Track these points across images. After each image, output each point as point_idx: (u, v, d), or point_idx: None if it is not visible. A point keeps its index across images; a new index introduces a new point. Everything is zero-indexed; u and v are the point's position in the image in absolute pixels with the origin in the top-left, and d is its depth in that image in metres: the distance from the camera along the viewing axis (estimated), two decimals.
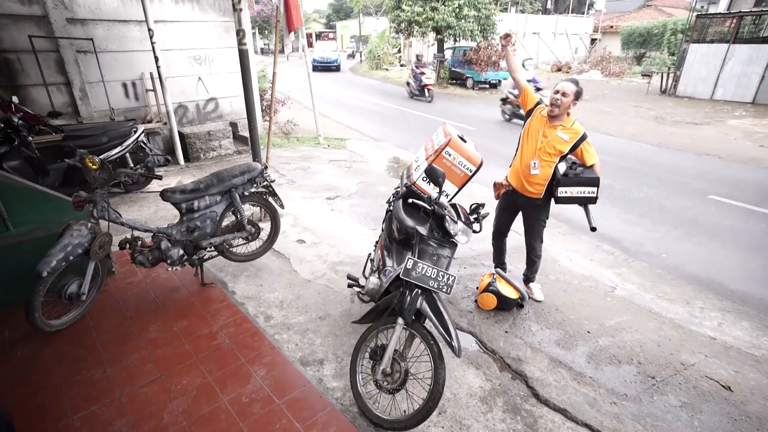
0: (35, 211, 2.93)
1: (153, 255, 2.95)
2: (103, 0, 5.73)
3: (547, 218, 3.19)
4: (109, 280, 3.31)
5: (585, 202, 2.89)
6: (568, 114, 2.89)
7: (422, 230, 2.28)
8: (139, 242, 2.97)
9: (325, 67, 24.99)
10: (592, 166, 2.92)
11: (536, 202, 3.07)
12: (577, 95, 2.81)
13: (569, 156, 2.94)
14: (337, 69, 25.29)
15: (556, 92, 2.81)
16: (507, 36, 3.09)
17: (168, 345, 2.69)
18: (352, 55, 35.87)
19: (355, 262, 3.79)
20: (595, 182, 2.83)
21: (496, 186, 3.25)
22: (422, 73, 13.69)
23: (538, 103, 3.01)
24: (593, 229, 2.92)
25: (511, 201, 3.20)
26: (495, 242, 3.49)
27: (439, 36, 17.32)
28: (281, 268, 3.70)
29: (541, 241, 3.26)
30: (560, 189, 2.87)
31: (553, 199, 3.01)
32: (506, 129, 10.02)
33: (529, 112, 3.02)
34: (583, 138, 2.87)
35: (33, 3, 5.23)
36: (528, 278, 3.45)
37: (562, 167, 2.90)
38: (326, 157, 7.26)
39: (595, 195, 2.85)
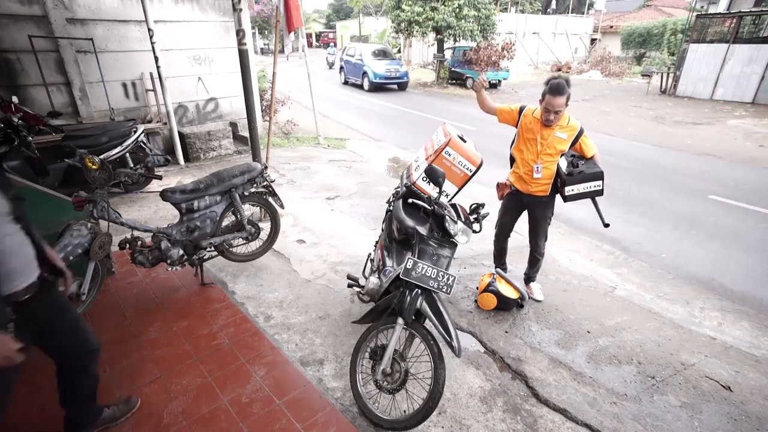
0: (35, 211, 2.90)
1: (153, 255, 2.95)
2: (102, 0, 5.73)
3: (553, 215, 3.20)
4: (109, 280, 3.31)
5: (592, 195, 2.92)
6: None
7: (422, 230, 2.28)
8: (139, 242, 2.97)
9: (386, 84, 16.21)
10: (592, 158, 2.94)
11: (543, 200, 3.07)
12: (568, 99, 2.75)
13: (568, 150, 2.95)
14: (404, 87, 16.64)
15: (547, 111, 2.75)
16: (485, 82, 3.09)
17: (168, 345, 2.69)
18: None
19: (355, 262, 3.79)
20: (599, 176, 2.85)
21: (500, 186, 3.25)
22: None
23: (521, 110, 2.97)
24: (606, 225, 2.97)
25: (516, 201, 3.20)
26: (498, 243, 3.47)
27: (439, 36, 17.33)
28: (281, 268, 3.70)
29: (546, 239, 3.27)
30: (567, 188, 2.89)
31: (561, 198, 3.02)
32: (506, 129, 10.03)
33: (517, 121, 2.99)
34: (580, 133, 2.89)
35: (33, 3, 5.23)
36: (529, 278, 3.45)
37: (563, 162, 2.91)
38: (326, 157, 7.26)
39: (601, 188, 2.88)
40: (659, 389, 2.54)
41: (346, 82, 18.00)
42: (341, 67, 18.25)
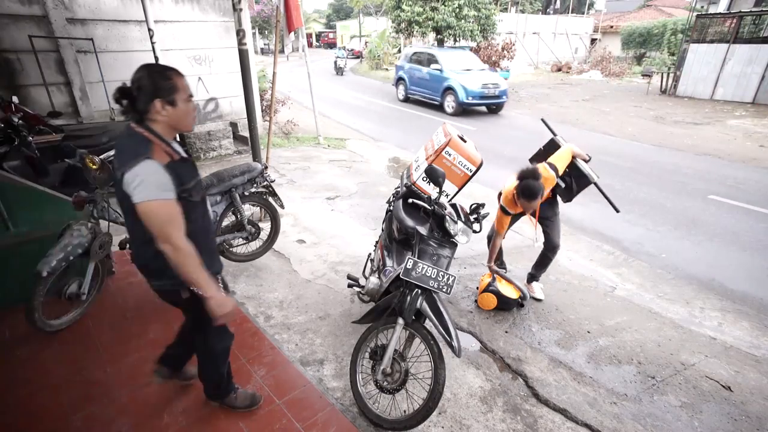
0: (35, 211, 2.93)
1: None
2: (103, 0, 5.73)
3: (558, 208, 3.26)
4: (109, 280, 3.31)
5: (592, 183, 3.06)
6: None
7: (422, 230, 2.27)
8: None
9: (479, 105, 11.52)
10: (573, 159, 3.00)
11: (548, 201, 3.12)
12: (542, 192, 2.73)
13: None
14: (499, 109, 11.93)
15: (525, 212, 2.85)
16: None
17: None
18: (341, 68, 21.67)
19: (355, 262, 3.79)
20: (590, 180, 3.01)
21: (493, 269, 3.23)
22: None
23: (503, 209, 2.97)
24: (618, 211, 3.18)
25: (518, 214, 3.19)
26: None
27: (439, 36, 17.31)
28: (281, 268, 3.70)
29: (559, 236, 3.29)
30: (569, 201, 3.11)
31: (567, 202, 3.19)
32: (507, 128, 10.03)
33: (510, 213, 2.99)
34: (555, 170, 2.91)
35: (33, 3, 5.23)
36: (534, 277, 3.44)
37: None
38: (326, 157, 7.26)
39: (594, 180, 3.01)
40: (659, 389, 2.54)
41: (407, 98, 13.30)
42: (400, 78, 13.49)
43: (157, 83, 1.52)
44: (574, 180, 3.03)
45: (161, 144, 1.54)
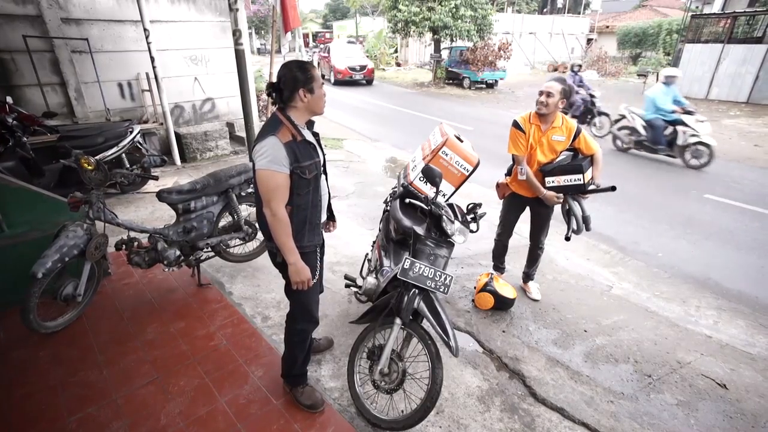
0: (30, 212, 2.91)
1: (149, 256, 2.94)
2: (98, 0, 5.70)
3: (553, 209, 3.20)
4: (105, 282, 3.30)
5: (575, 190, 2.87)
6: (556, 115, 2.88)
7: (419, 230, 2.27)
8: (136, 243, 2.96)
9: None
10: (592, 156, 2.89)
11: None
12: (565, 93, 2.77)
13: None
14: None
15: (541, 93, 2.79)
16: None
17: (165, 346, 2.68)
18: None
19: (353, 262, 3.79)
20: (578, 169, 2.78)
21: (500, 186, 3.25)
22: None
23: (516, 124, 2.93)
24: (567, 239, 3.03)
25: (520, 199, 3.18)
26: (501, 242, 3.45)
27: (435, 36, 17.35)
28: None
29: (546, 234, 3.28)
30: (547, 179, 2.89)
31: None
32: (504, 128, 10.04)
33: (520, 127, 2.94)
34: (578, 131, 2.89)
35: (27, 3, 5.19)
36: (528, 276, 3.45)
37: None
38: None
39: (581, 182, 2.78)
40: (656, 387, 2.55)
41: None
42: None
43: (298, 76, 1.78)
44: (564, 159, 2.91)
45: (290, 127, 1.80)
